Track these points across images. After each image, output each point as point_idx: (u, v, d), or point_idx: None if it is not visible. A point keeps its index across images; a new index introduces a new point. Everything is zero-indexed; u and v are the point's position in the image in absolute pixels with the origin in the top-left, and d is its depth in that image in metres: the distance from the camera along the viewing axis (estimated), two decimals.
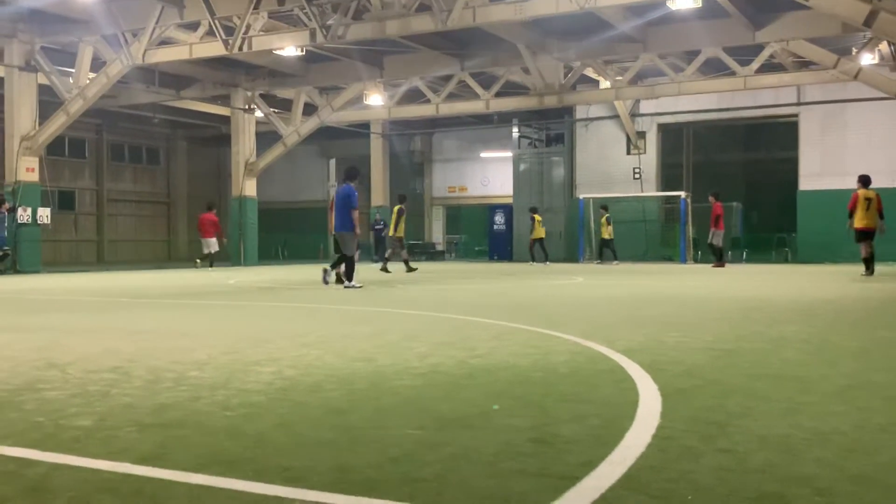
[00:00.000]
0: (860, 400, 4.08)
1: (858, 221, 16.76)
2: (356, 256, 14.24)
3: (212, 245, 24.64)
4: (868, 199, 16.80)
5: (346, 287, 13.87)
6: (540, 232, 26.53)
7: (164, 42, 21.75)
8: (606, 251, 26.62)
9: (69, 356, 5.74)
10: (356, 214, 14.00)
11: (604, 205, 27.33)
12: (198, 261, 24.48)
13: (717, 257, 22.93)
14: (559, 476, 2.83)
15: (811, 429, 3.46)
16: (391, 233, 21.26)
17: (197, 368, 5.15)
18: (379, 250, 30.49)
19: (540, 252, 26.43)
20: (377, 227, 30.33)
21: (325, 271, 15.17)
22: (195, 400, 4.16)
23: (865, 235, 16.88)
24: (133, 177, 36.88)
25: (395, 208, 21.10)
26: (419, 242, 36.21)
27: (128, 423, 3.65)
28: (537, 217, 26.93)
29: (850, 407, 3.91)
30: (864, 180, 17.09)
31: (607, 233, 26.47)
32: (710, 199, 23.25)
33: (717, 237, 22.88)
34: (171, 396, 4.26)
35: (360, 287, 13.82)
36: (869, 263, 16.91)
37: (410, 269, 20.37)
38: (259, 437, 3.40)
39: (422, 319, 8.43)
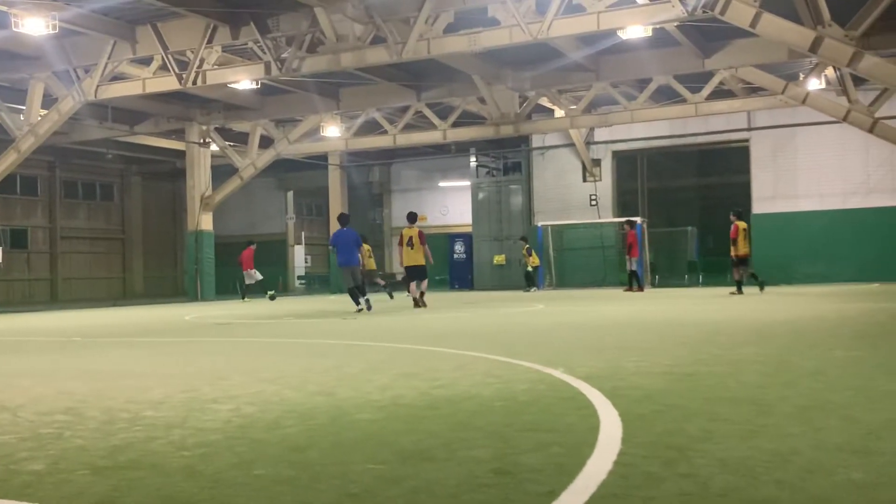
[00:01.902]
0: (818, 420, 4.12)
1: (740, 250, 19.20)
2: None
3: (254, 276, 25.19)
4: (745, 230, 19.35)
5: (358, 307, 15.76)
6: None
7: (117, 77, 21.58)
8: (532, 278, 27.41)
9: (20, 398, 5.60)
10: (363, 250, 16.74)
11: (523, 236, 28.00)
12: (269, 294, 25.32)
13: (631, 283, 23.61)
14: None
15: (771, 451, 3.47)
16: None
17: (152, 408, 5.05)
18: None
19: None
20: None
21: (366, 302, 15.90)
22: (150, 440, 4.07)
23: (745, 262, 19.43)
24: (87, 213, 36.38)
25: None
26: (379, 273, 36.10)
27: (81, 467, 3.56)
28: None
29: (808, 428, 3.94)
30: (739, 214, 19.69)
31: (532, 262, 27.20)
32: (626, 227, 24.17)
33: (633, 263, 23.65)
34: (126, 437, 4.16)
35: (360, 310, 15.60)
36: (741, 286, 19.43)
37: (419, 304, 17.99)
38: (216, 477, 3.33)
39: (382, 351, 8.37)
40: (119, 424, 4.53)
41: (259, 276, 25.31)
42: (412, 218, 18.19)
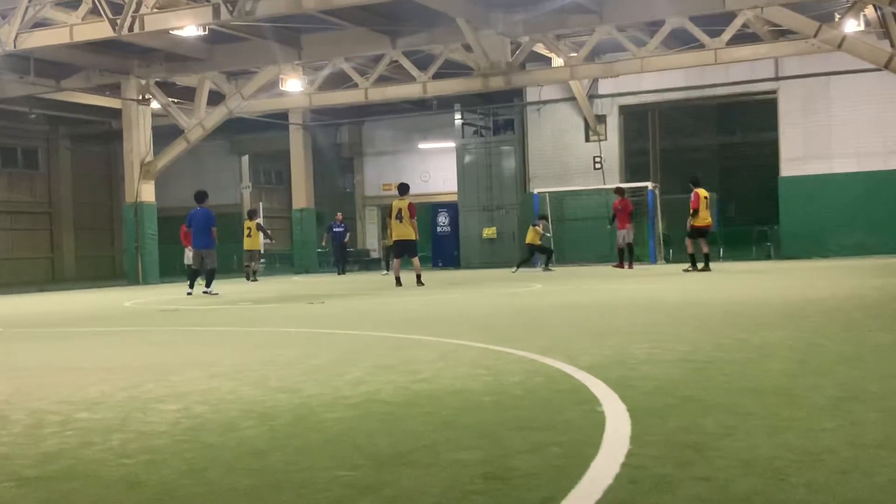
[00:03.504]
0: (854, 414, 4.16)
1: (702, 220, 19.79)
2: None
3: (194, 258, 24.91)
4: (706, 198, 19.93)
5: (204, 293, 17.58)
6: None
7: (40, 24, 21.35)
8: (541, 256, 26.58)
9: None
10: (215, 231, 18.05)
11: (543, 214, 27.26)
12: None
13: (619, 258, 23.89)
14: None
15: (800, 448, 3.51)
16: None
17: (87, 409, 5.05)
18: (339, 258, 30.10)
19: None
20: (336, 229, 29.80)
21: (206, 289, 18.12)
22: (86, 446, 4.07)
23: (706, 233, 20.20)
24: (7, 184, 36.10)
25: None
26: (351, 249, 36.12)
27: (5, 477, 3.56)
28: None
29: (843, 422, 3.98)
30: (697, 180, 20.08)
31: (537, 239, 26.50)
32: (615, 194, 25.06)
33: (620, 237, 24.01)
34: (57, 443, 4.16)
35: (216, 294, 17.51)
36: (698, 259, 20.04)
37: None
38: (163, 487, 3.33)
39: (355, 339, 8.40)
40: (49, 428, 4.53)
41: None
42: (404, 189, 18.60)
